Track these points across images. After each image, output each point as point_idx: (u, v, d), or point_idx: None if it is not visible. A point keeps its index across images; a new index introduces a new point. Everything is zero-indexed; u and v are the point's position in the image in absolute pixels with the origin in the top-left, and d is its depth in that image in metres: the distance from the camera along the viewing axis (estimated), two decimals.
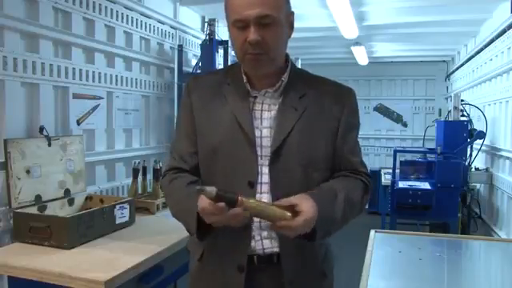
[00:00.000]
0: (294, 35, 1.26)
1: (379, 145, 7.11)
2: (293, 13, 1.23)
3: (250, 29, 1.12)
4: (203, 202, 1.06)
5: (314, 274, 1.27)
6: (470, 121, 4.17)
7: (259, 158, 1.20)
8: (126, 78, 2.96)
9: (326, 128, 1.24)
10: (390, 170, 4.40)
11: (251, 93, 1.23)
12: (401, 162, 4.39)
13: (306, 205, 1.08)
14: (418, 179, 4.16)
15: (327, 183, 1.22)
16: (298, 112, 1.21)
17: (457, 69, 5.83)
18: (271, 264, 1.21)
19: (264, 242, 1.22)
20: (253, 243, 1.21)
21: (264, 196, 1.19)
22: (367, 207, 6.73)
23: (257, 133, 1.20)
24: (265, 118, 1.22)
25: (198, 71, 3.57)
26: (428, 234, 2.90)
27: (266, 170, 1.19)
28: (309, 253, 1.25)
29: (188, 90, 1.30)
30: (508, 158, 3.51)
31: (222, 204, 1.03)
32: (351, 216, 1.24)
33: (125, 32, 2.94)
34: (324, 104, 1.25)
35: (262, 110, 1.23)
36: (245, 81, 1.23)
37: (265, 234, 1.22)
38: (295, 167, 1.19)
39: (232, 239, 1.20)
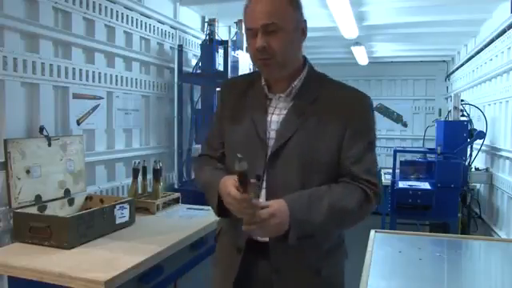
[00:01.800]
0: None
1: (379, 145, 7.09)
2: (305, 20, 1.30)
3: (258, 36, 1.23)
4: (230, 186, 1.18)
5: (306, 268, 1.29)
6: (470, 121, 4.17)
7: (267, 156, 1.28)
8: (126, 78, 2.96)
9: (331, 133, 1.26)
10: (390, 170, 4.40)
11: (268, 96, 1.33)
12: (401, 162, 4.39)
13: (274, 205, 1.16)
14: (418, 179, 4.16)
15: (316, 188, 1.24)
16: (305, 116, 1.27)
17: (457, 69, 5.83)
18: (266, 251, 1.27)
19: None
20: None
21: (262, 191, 1.28)
22: None
23: (267, 134, 1.29)
24: (274, 121, 1.30)
25: (198, 71, 3.57)
26: (428, 234, 2.90)
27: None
28: (299, 247, 1.25)
29: (220, 92, 1.49)
30: (508, 157, 3.51)
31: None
32: (343, 222, 1.27)
33: (125, 32, 2.94)
34: (334, 110, 1.27)
35: (272, 114, 1.32)
36: (263, 83, 1.34)
37: None
38: (293, 168, 1.25)
39: (237, 223, 1.25)
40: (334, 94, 1.30)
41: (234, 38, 3.70)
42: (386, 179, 4.72)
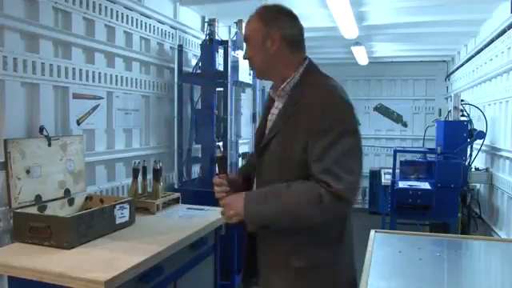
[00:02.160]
0: None
1: (379, 145, 7.10)
2: (273, 31, 1.41)
3: None
4: (215, 178, 1.50)
5: (279, 259, 1.42)
6: (470, 121, 4.17)
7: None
8: (126, 78, 2.96)
9: (302, 133, 1.35)
10: (390, 170, 4.40)
11: (273, 97, 1.52)
12: (401, 162, 4.39)
13: (231, 197, 1.43)
14: (417, 179, 4.16)
15: (277, 185, 1.36)
16: (287, 117, 1.40)
17: (457, 69, 5.83)
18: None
19: None
20: None
21: (255, 179, 1.52)
22: (367, 207, 6.73)
23: (265, 131, 1.48)
24: (269, 120, 1.50)
25: (198, 71, 3.57)
26: (428, 234, 2.90)
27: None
28: (272, 238, 1.43)
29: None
30: (508, 157, 3.51)
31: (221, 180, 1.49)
32: (294, 219, 1.33)
33: (125, 32, 2.94)
34: (305, 110, 1.36)
35: (271, 113, 1.50)
36: (270, 87, 1.55)
37: None
38: (273, 163, 1.42)
39: None
40: (309, 94, 1.38)
41: (234, 38, 3.69)
42: (385, 179, 4.74)
